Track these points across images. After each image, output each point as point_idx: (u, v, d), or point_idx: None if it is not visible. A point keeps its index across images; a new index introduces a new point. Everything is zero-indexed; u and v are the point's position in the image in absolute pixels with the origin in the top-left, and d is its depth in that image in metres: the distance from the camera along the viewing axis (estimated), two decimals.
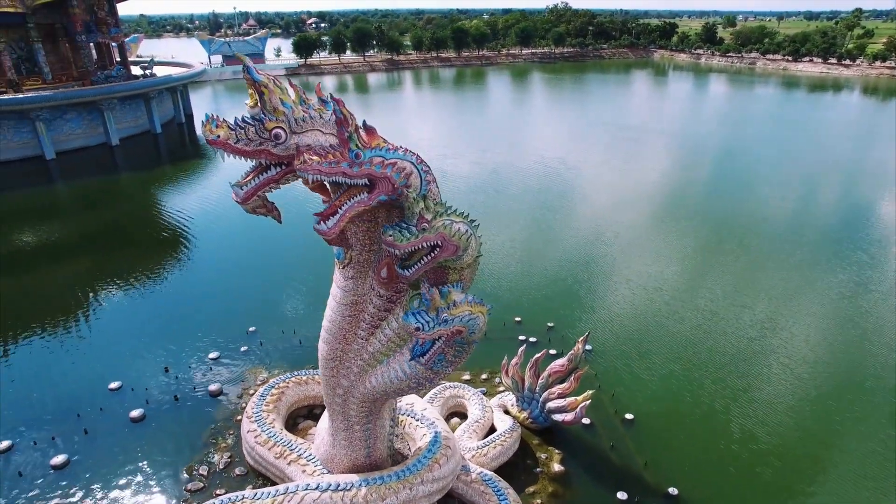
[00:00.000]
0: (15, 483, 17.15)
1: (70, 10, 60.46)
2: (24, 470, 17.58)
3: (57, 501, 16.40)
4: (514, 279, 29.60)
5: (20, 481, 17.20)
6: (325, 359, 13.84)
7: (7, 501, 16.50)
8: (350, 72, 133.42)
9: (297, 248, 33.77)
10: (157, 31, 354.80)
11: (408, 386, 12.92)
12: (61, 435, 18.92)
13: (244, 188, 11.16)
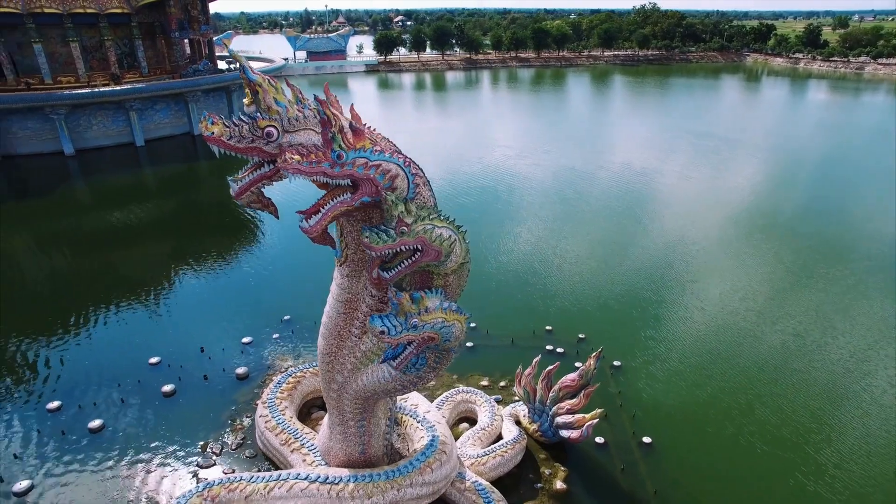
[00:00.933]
0: (57, 440, 18.76)
1: (168, 10, 65.09)
2: (67, 429, 19.20)
3: (86, 459, 17.78)
4: (553, 287, 28.90)
5: (62, 440, 18.81)
6: (322, 353, 14.14)
7: (48, 456, 18.07)
8: (428, 69, 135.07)
9: None
10: (254, 27, 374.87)
11: (394, 387, 12.95)
12: (102, 401, 20.49)
13: (239, 183, 11.58)
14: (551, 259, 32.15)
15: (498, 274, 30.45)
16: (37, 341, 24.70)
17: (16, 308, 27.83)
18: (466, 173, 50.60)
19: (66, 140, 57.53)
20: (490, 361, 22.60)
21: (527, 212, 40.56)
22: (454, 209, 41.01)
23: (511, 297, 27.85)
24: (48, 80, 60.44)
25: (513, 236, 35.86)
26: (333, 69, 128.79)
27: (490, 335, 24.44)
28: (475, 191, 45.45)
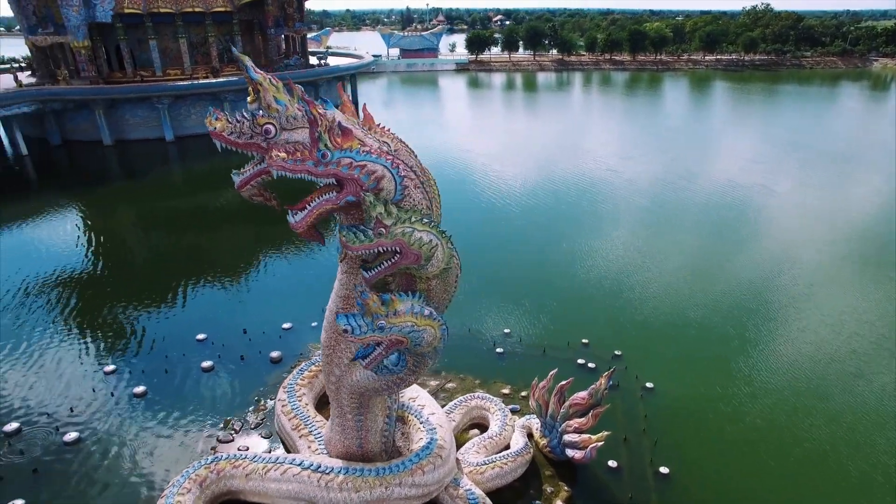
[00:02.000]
0: (106, 401, 20.61)
1: (266, 8, 69.16)
2: (116, 392, 21.04)
3: (127, 421, 19.42)
4: (599, 299, 27.82)
5: (109, 400, 20.65)
6: (323, 346, 14.51)
7: (97, 414, 19.89)
8: (519, 70, 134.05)
9: None
10: (357, 24, 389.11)
11: (380, 386, 13.08)
12: (150, 371, 22.24)
13: (241, 176, 12.12)
14: (605, 270, 30.94)
15: (544, 280, 29.78)
16: (111, 308, 27.30)
17: (106, 275, 31.08)
18: (542, 176, 49.76)
19: (167, 127, 62.75)
20: (517, 369, 22.16)
21: (593, 218, 39.25)
22: (519, 210, 40.56)
23: (552, 306, 27.13)
24: (159, 72, 66.15)
25: (572, 242, 34.88)
26: (424, 67, 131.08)
27: (522, 342, 23.98)
28: (544, 193, 44.60)
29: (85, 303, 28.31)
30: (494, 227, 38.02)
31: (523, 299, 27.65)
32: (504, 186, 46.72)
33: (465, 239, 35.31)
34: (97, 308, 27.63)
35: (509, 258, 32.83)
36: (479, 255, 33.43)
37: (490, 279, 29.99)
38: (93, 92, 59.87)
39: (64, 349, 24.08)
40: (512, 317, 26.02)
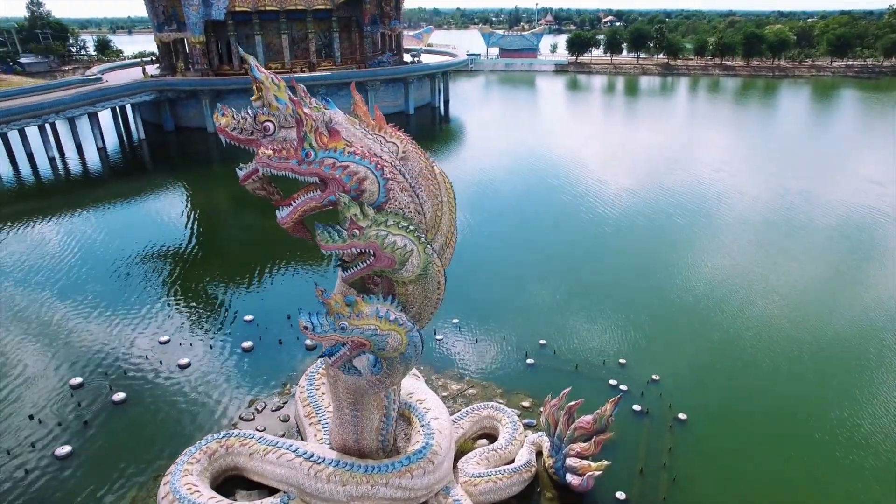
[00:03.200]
0: (155, 369, 22.44)
1: (364, 6, 71.62)
2: (164, 361, 22.84)
3: (168, 388, 21.03)
4: (653, 321, 26.14)
5: (159, 367, 22.46)
6: None
7: (143, 380, 21.72)
8: (620, 73, 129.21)
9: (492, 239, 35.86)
10: (465, 23, 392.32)
11: (363, 386, 13.18)
12: (196, 343, 23.92)
13: (243, 171, 12.65)
14: (661, 289, 29.04)
15: (594, 292, 28.54)
16: (189, 282, 29.78)
17: (195, 252, 33.97)
18: (624, 185, 47.66)
19: None
20: (543, 383, 21.41)
21: (663, 232, 36.96)
22: (590, 218, 39.19)
23: (597, 320, 25.94)
24: (262, 66, 70.43)
25: (635, 256, 33.13)
26: (522, 67, 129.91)
27: (556, 355, 23.17)
28: (620, 203, 42.69)
29: (168, 275, 31.03)
30: (562, 234, 36.94)
31: (568, 310, 26.74)
32: (582, 193, 45.27)
33: (527, 242, 35.11)
34: (176, 281, 30.33)
35: (567, 265, 31.80)
36: (537, 260, 32.75)
37: (537, 285, 29.26)
38: (200, 83, 65.18)
39: (132, 316, 26.48)
40: (552, 327, 25.20)
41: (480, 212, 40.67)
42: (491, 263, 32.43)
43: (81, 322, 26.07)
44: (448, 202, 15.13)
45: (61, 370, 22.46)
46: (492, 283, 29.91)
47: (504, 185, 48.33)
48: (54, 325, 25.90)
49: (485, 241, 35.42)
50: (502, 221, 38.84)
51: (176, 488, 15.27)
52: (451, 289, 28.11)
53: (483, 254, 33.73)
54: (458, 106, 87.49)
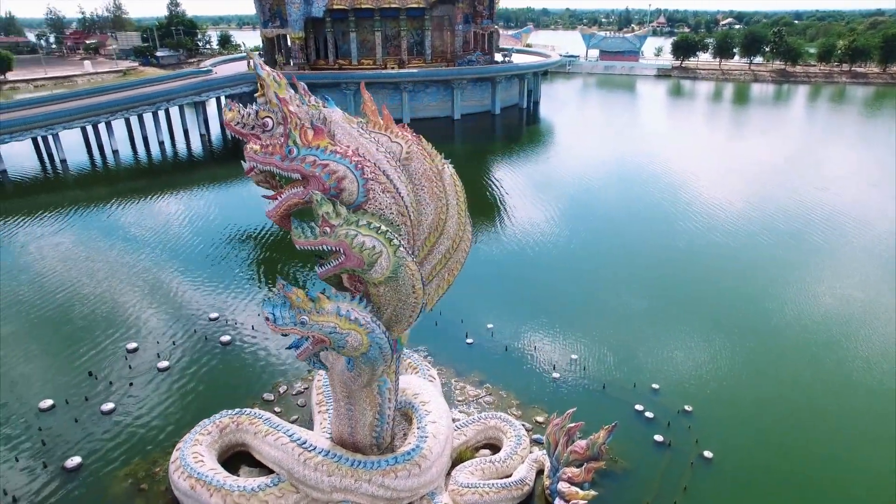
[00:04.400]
0: (199, 342, 24.09)
1: (456, 5, 72.18)
2: (208, 336, 24.45)
3: (208, 361, 22.52)
4: (703, 346, 24.28)
5: (203, 342, 24.08)
6: None
7: (187, 352, 23.38)
8: (729, 79, 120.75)
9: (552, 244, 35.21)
10: (574, 24, 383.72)
11: (347, 380, 13.35)
12: (239, 325, 25.36)
13: (248, 163, 13.20)
14: (719, 319, 26.84)
15: (641, 308, 26.96)
16: (260, 263, 31.86)
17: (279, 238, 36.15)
18: (711, 202, 44.67)
19: (351, 112, 68.84)
20: (564, 399, 20.57)
21: (739, 254, 34.12)
22: (666, 230, 37.20)
23: (640, 339, 24.49)
24: (355, 62, 73.26)
25: (703, 275, 30.97)
26: (622, 70, 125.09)
27: (585, 372, 22.18)
28: (704, 219, 40.07)
29: (244, 255, 33.24)
30: (622, 245, 35.29)
31: (608, 326, 25.45)
32: (656, 203, 42.98)
33: (581, 251, 33.87)
34: (248, 260, 32.46)
35: (620, 280, 30.29)
36: (587, 270, 31.54)
37: (582, 297, 28.14)
38: (296, 77, 68.66)
39: (196, 291, 28.59)
40: (587, 342, 24.15)
41: (540, 215, 39.76)
42: (539, 269, 31.65)
43: (147, 292, 28.55)
44: (457, 205, 14.97)
45: (123, 334, 24.70)
46: (535, 290, 29.20)
47: (575, 189, 46.98)
48: (126, 292, 28.56)
49: (537, 246, 34.58)
50: (563, 226, 37.72)
51: (183, 455, 16.32)
52: (492, 292, 28.35)
53: (532, 258, 32.99)
54: (550, 107, 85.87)
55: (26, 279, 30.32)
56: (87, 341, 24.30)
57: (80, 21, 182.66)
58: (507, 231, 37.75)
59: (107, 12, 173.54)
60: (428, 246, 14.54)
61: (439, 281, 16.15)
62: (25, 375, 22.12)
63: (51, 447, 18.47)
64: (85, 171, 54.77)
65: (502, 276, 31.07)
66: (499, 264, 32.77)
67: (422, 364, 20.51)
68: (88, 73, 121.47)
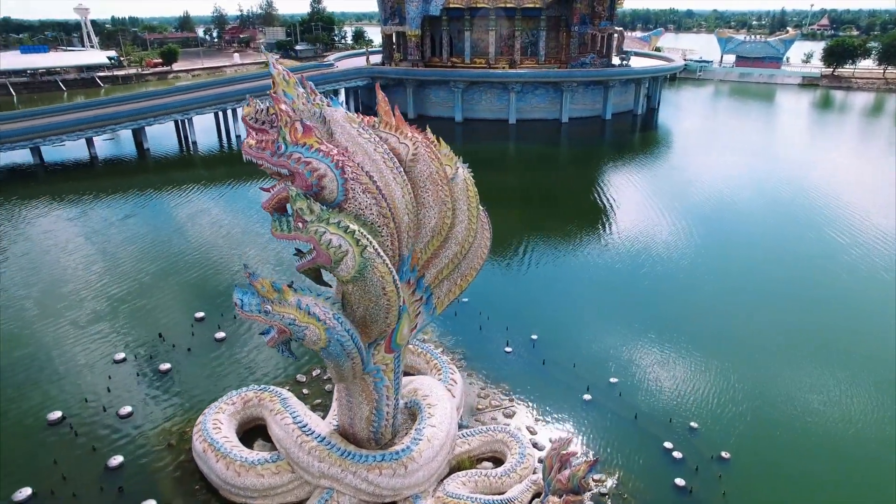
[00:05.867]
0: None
1: (574, 6, 70.22)
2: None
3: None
4: (765, 394, 21.77)
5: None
6: None
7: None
8: (892, 90, 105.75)
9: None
10: (721, 26, 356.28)
11: (330, 371, 13.71)
12: None
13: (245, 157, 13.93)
14: (792, 363, 23.83)
15: (705, 345, 24.59)
16: None
17: None
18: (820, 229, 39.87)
19: (458, 109, 70.28)
20: (588, 424, 19.60)
21: (842, 294, 29.95)
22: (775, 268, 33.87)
23: (689, 375, 22.44)
24: (467, 60, 74.00)
25: (787, 320, 27.64)
26: (761, 78, 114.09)
27: (619, 399, 20.79)
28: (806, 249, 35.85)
29: None
30: (707, 272, 32.34)
31: (660, 354, 23.59)
32: (760, 233, 38.97)
33: (659, 272, 31.51)
34: None
35: (692, 309, 27.95)
36: (660, 293, 29.44)
37: (642, 320, 26.30)
38: (405, 72, 71.11)
39: (271, 270, 30.72)
40: (631, 367, 22.64)
41: (630, 229, 37.55)
42: (603, 285, 30.08)
43: (229, 264, 31.19)
44: (468, 210, 14.81)
45: (196, 304, 27.20)
46: (590, 306, 27.87)
47: (678, 207, 42.14)
48: (215, 263, 31.45)
49: (612, 260, 32.82)
50: (649, 244, 35.12)
51: (205, 420, 17.75)
52: (545, 302, 27.46)
53: (602, 273, 31.41)
54: (670, 115, 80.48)
55: (141, 246, 34.56)
56: (168, 307, 27.08)
57: (238, 18, 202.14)
58: (588, 241, 36.32)
59: (260, 9, 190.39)
60: (431, 249, 14.52)
61: (450, 285, 16.08)
62: (113, 330, 25.21)
63: (113, 395, 20.91)
64: (213, 153, 60.85)
65: (559, 287, 29.99)
66: (561, 274, 31.68)
67: (446, 366, 20.43)
68: (236, 64, 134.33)
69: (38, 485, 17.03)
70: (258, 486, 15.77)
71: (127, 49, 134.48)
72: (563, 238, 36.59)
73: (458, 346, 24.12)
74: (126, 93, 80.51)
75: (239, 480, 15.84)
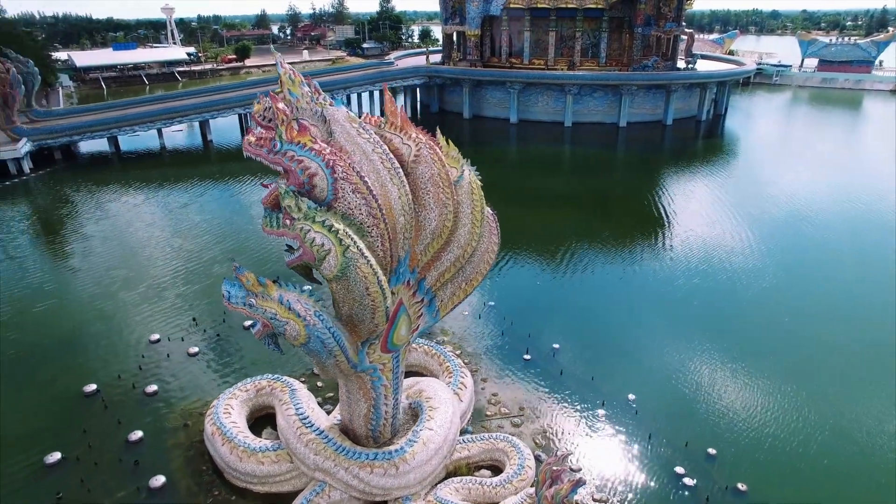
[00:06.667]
0: None
1: (638, 6, 67.99)
2: None
3: None
4: (796, 428, 20.36)
5: None
6: None
7: None
8: None
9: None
10: (809, 27, 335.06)
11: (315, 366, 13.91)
12: None
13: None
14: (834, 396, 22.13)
15: (744, 368, 23.21)
16: None
17: None
18: None
19: (514, 110, 69.64)
20: (598, 440, 18.98)
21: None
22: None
23: (718, 397, 21.27)
24: (526, 61, 73.19)
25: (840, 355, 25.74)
26: (846, 83, 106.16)
27: (635, 418, 19.97)
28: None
29: None
30: (764, 296, 30.50)
31: (690, 373, 22.48)
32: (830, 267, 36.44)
33: (707, 290, 29.91)
34: None
35: (731, 326, 26.50)
36: (700, 310, 28.14)
37: (672, 338, 25.17)
38: (462, 72, 71.13)
39: None
40: (652, 384, 21.70)
41: (678, 242, 35.94)
42: (637, 297, 28.95)
43: (272, 253, 32.29)
44: (472, 213, 14.68)
45: None
46: (618, 318, 26.90)
47: (735, 223, 39.28)
48: (255, 251, 32.69)
49: (652, 274, 31.54)
50: (694, 260, 33.26)
51: (218, 404, 18.49)
52: (573, 313, 26.80)
53: (638, 285, 30.25)
54: (739, 122, 76.03)
55: (194, 233, 36.41)
56: (207, 293, 28.31)
57: (310, 16, 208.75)
58: (634, 251, 34.87)
59: (331, 8, 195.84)
60: (431, 251, 14.48)
61: (454, 289, 16.00)
62: (153, 312, 26.69)
63: (144, 374, 22.16)
64: None
65: (593, 297, 29.19)
66: (598, 284, 30.79)
67: (458, 370, 20.32)
68: (305, 60, 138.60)
69: (66, 450, 18.30)
70: (257, 473, 16.28)
71: (204, 45, 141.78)
72: (609, 247, 35.42)
73: (478, 349, 23.94)
74: (196, 87, 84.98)
75: (240, 465, 16.41)
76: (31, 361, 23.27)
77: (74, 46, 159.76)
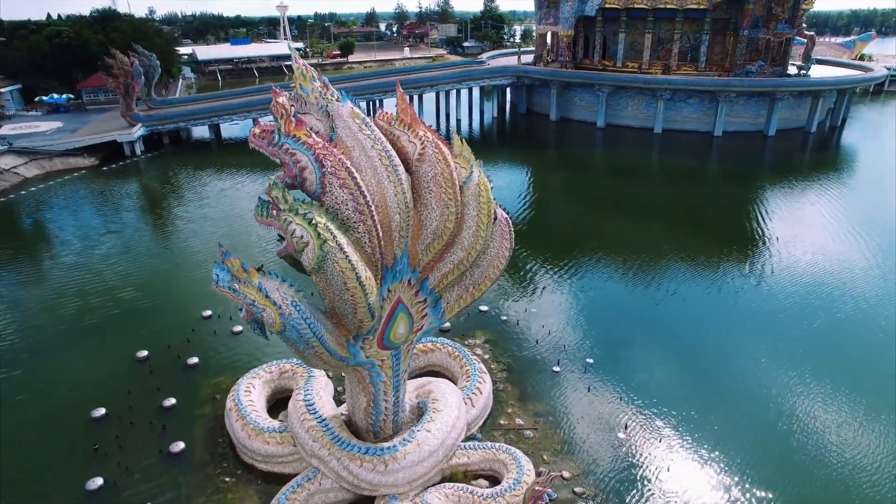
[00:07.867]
0: None
1: (745, 7, 63.07)
2: None
3: None
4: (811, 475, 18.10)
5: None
6: None
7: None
8: None
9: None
10: None
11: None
12: None
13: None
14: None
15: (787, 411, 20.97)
16: None
17: None
18: None
19: (601, 114, 67.20)
20: (610, 466, 17.93)
21: None
22: None
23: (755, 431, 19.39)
24: (619, 64, 70.39)
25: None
26: None
27: (658, 444, 18.65)
28: None
29: None
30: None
31: (731, 408, 20.65)
32: None
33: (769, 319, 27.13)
34: None
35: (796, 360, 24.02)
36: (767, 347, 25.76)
37: (729, 368, 23.20)
38: (549, 73, 69.62)
39: None
40: (690, 410, 20.15)
41: (767, 263, 32.85)
42: (698, 319, 26.97)
43: None
44: (478, 216, 14.44)
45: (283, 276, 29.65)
46: (670, 340, 25.11)
47: (830, 244, 35.52)
48: None
49: (723, 297, 29.17)
50: (786, 283, 30.24)
51: (240, 383, 19.49)
52: (620, 328, 25.47)
53: (703, 306, 28.16)
54: (860, 135, 67.80)
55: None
56: None
57: (416, 14, 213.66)
58: (710, 271, 32.23)
59: (437, 7, 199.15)
60: (433, 252, 14.38)
61: (461, 292, 15.81)
62: (210, 291, 28.43)
63: (190, 346, 23.82)
64: None
65: (650, 315, 27.39)
66: (657, 300, 28.87)
67: (476, 375, 20.01)
68: (405, 57, 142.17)
69: (111, 408, 20.10)
70: (262, 452, 16.98)
71: (313, 41, 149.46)
72: (683, 263, 32.81)
73: (507, 355, 23.44)
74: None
75: (249, 442, 17.21)
76: (103, 326, 25.75)
77: (202, 42, 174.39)
